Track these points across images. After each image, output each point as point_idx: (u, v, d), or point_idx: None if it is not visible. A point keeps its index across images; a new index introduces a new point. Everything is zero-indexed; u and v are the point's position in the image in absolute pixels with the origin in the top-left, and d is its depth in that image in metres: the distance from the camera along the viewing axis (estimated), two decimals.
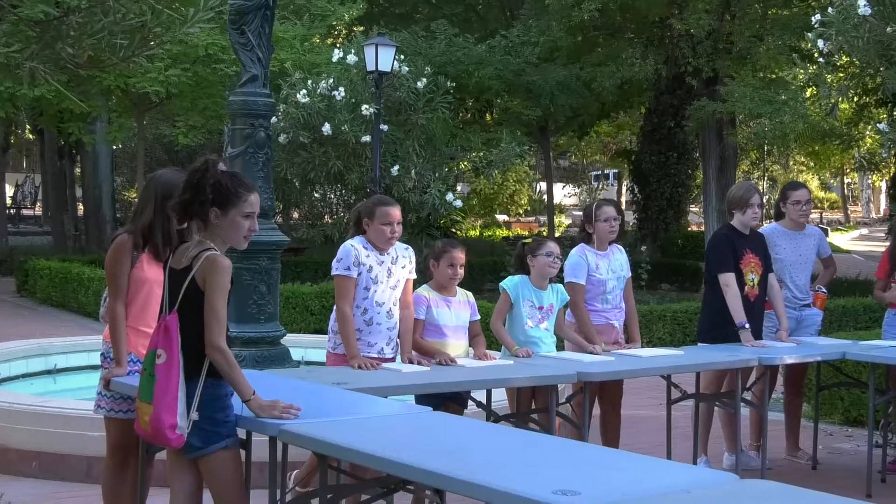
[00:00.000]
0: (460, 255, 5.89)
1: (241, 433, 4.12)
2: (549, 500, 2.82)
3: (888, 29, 8.01)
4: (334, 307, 5.65)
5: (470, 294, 6.08)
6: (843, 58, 9.36)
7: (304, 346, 9.70)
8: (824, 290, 7.81)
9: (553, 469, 3.25)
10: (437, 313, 5.84)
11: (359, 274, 5.53)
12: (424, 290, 5.90)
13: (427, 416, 4.21)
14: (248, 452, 4.24)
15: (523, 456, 3.45)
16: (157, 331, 3.94)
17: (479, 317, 6.07)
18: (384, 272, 5.61)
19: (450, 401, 5.56)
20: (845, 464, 7.60)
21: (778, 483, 3.22)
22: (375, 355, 5.54)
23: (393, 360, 5.66)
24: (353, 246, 5.57)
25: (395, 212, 5.63)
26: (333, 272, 5.59)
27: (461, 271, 5.88)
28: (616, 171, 46.36)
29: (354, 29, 23.06)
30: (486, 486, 3.02)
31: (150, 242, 4.69)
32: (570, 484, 2.95)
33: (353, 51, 15.78)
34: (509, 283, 6.28)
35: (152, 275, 4.65)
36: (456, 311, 5.91)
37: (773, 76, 20.28)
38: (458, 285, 5.98)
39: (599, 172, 49.17)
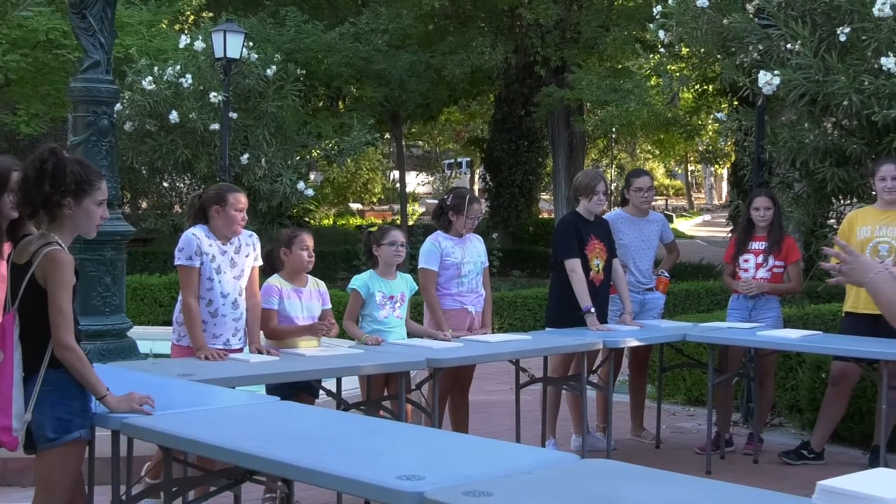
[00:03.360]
0: (310, 238, 5.89)
1: None
2: (394, 485, 2.84)
3: (725, 20, 8.28)
4: (178, 298, 5.57)
5: (321, 283, 6.07)
6: (684, 48, 9.64)
7: (152, 339, 9.51)
8: (667, 274, 8.05)
9: (399, 455, 3.27)
10: (289, 305, 5.81)
11: (201, 264, 5.46)
12: (276, 281, 5.85)
13: (274, 406, 4.18)
14: (91, 448, 4.14)
15: (370, 443, 3.46)
16: None
17: (330, 306, 6.07)
18: (227, 262, 5.53)
19: (301, 391, 5.55)
20: (687, 442, 7.85)
21: (617, 462, 3.31)
22: (221, 347, 5.46)
23: (240, 350, 5.60)
24: (195, 235, 5.48)
25: (245, 198, 5.61)
26: (176, 262, 5.50)
27: (313, 254, 5.88)
28: (469, 159, 46.71)
29: (203, 15, 22.66)
30: (331, 473, 3.02)
31: None
32: (414, 469, 2.97)
33: (200, 37, 15.49)
34: (357, 282, 6.30)
35: None
36: (306, 302, 5.88)
37: (619, 66, 20.78)
38: (311, 273, 5.97)
39: (452, 161, 49.48)
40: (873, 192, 7.06)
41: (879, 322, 5.92)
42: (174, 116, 14.81)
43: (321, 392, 5.86)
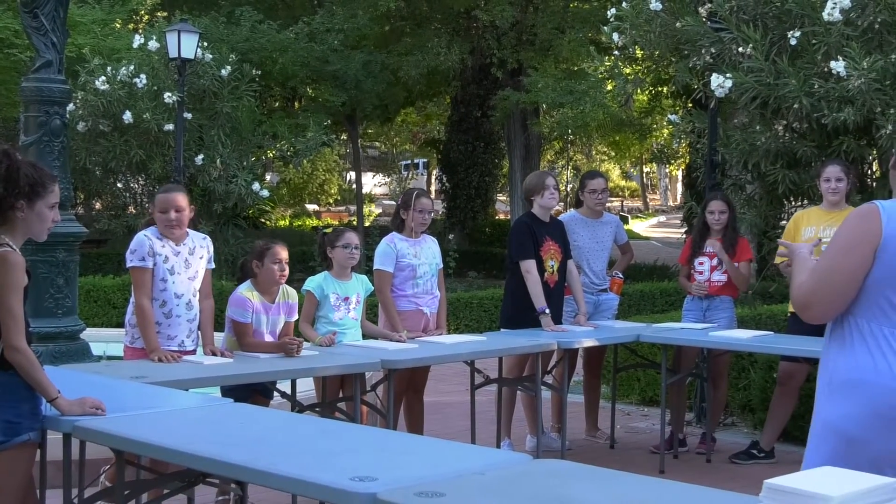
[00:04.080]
0: (284, 251, 5.82)
1: None
2: (346, 486, 2.85)
3: (677, 24, 8.35)
4: (130, 300, 5.53)
5: (293, 294, 6.00)
6: (639, 51, 9.72)
7: (105, 341, 9.44)
8: (621, 275, 8.10)
9: (352, 456, 3.27)
10: (255, 319, 5.76)
11: (154, 265, 5.43)
12: (248, 292, 5.78)
13: (228, 408, 4.16)
14: (42, 451, 4.11)
15: (324, 444, 3.46)
16: None
17: (295, 318, 6.01)
18: (181, 263, 5.51)
19: (256, 392, 5.54)
20: (641, 442, 7.91)
21: (569, 462, 3.33)
22: (176, 348, 5.43)
23: (194, 352, 5.57)
24: (147, 236, 5.46)
25: (171, 197, 5.52)
26: (128, 264, 5.46)
27: (287, 267, 5.83)
28: (425, 160, 46.73)
29: (157, 14, 22.50)
30: (283, 475, 3.02)
31: None
32: (367, 470, 2.98)
33: (154, 37, 15.39)
34: (312, 283, 6.28)
35: None
36: (273, 317, 5.84)
37: (575, 68, 20.90)
38: None
39: (409, 162, 49.47)
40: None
41: None
42: (128, 117, 14.71)
43: (276, 394, 5.85)
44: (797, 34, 7.63)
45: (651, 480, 3.16)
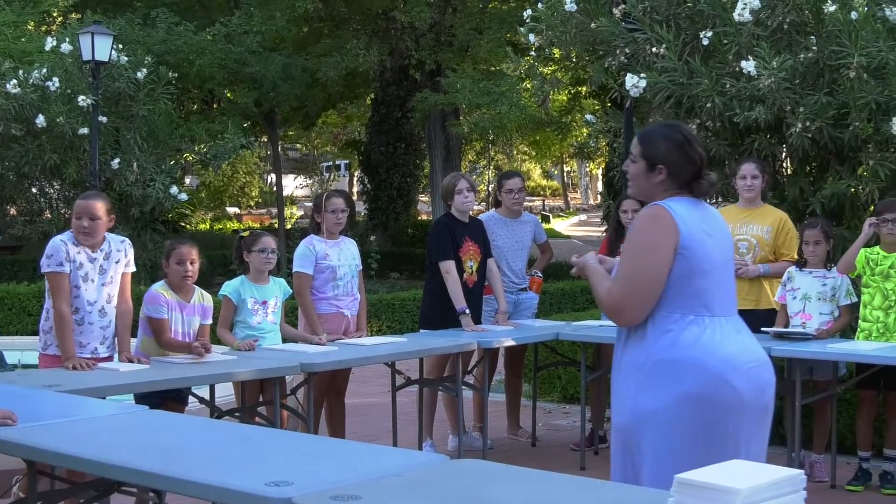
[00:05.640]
0: (189, 251, 5.76)
1: None
2: (261, 491, 2.83)
3: (592, 24, 8.44)
4: (44, 307, 5.43)
5: (208, 297, 5.97)
6: (556, 51, 9.79)
7: (20, 349, 9.26)
8: (540, 274, 8.16)
9: (269, 461, 3.26)
10: (171, 317, 5.71)
11: (70, 271, 5.35)
12: (162, 289, 5.74)
13: (145, 416, 4.11)
14: None
15: (241, 450, 3.43)
16: None
17: (209, 321, 5.97)
18: (95, 269, 5.43)
19: (169, 399, 5.47)
20: (562, 439, 7.98)
21: (487, 461, 3.35)
22: (89, 355, 5.35)
23: (109, 359, 5.49)
24: (63, 241, 5.39)
25: (87, 204, 5.46)
26: (44, 270, 5.36)
27: (192, 268, 5.76)
28: (347, 161, 46.57)
29: (71, 16, 22.12)
30: (199, 482, 3.00)
31: None
32: (283, 475, 2.97)
33: (67, 39, 15.13)
34: (228, 288, 6.24)
35: None
36: (188, 317, 5.79)
37: (493, 69, 20.99)
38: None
39: (331, 163, 49.27)
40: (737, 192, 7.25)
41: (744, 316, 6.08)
42: (41, 120, 14.45)
43: (196, 400, 5.79)
44: (709, 34, 7.75)
45: (566, 478, 3.18)
